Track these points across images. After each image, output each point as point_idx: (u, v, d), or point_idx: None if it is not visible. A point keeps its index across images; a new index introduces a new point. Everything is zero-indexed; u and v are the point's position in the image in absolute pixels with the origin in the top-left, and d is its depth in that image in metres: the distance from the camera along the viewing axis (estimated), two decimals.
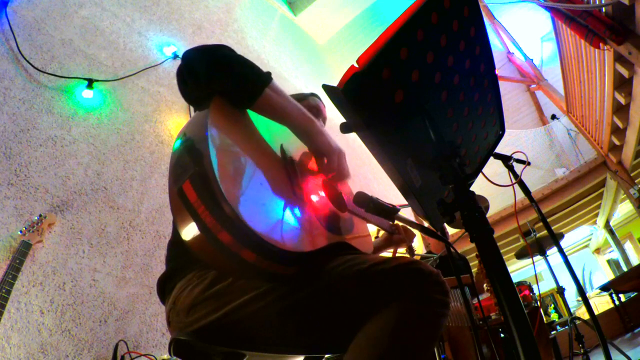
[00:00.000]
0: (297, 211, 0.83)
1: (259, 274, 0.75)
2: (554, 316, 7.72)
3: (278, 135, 0.96)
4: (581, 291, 1.99)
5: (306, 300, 0.79)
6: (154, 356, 1.96)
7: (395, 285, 0.74)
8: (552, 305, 8.38)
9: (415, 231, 1.07)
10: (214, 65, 0.82)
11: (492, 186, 1.12)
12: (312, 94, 1.38)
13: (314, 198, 0.94)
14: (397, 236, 1.23)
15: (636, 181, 5.97)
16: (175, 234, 1.00)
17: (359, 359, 0.70)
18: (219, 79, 0.82)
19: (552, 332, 3.43)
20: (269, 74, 0.88)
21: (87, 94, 2.43)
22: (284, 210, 0.79)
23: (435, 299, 0.75)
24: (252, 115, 0.92)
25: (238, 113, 0.87)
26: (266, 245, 0.68)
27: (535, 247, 3.47)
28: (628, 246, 9.92)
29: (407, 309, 0.73)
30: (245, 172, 0.76)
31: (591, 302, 3.40)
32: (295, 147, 1.00)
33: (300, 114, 0.92)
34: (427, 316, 0.74)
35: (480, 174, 0.93)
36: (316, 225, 0.87)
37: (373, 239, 1.25)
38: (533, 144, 7.86)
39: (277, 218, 0.75)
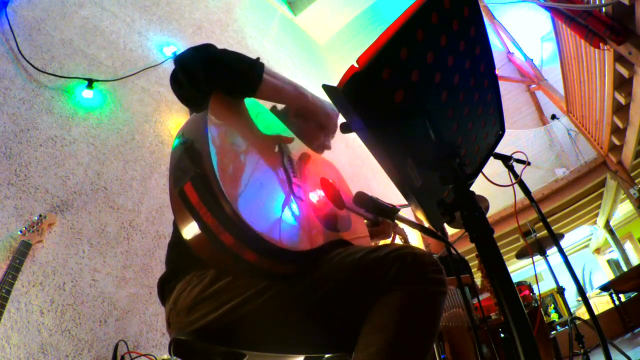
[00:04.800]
0: (296, 210, 0.83)
1: (260, 274, 0.75)
2: (554, 316, 7.71)
3: (277, 132, 0.97)
4: (581, 291, 1.99)
5: (304, 295, 0.79)
6: (154, 356, 1.96)
7: (391, 271, 0.75)
8: (552, 305, 8.37)
9: (415, 231, 1.08)
10: (210, 63, 0.83)
11: (492, 186, 1.12)
12: None
13: (313, 196, 0.94)
14: (378, 228, 1.24)
15: (636, 181, 5.97)
16: (176, 234, 1.00)
17: (369, 348, 0.70)
18: (218, 76, 0.83)
19: (552, 332, 3.43)
20: (258, 59, 0.91)
21: (87, 94, 2.43)
22: (283, 209, 0.79)
23: (432, 278, 0.76)
24: (251, 112, 0.92)
25: (236, 111, 0.88)
26: (267, 245, 0.68)
27: (535, 247, 3.47)
28: (628, 246, 9.91)
29: (408, 292, 0.74)
30: (245, 172, 0.76)
31: (591, 302, 3.40)
32: (294, 144, 1.01)
33: (297, 92, 0.99)
34: (428, 296, 0.75)
35: (480, 174, 0.93)
36: (315, 223, 0.87)
37: None
38: (533, 144, 7.86)
39: (277, 218, 0.75)
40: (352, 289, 0.78)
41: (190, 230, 0.69)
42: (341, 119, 0.67)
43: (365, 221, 1.18)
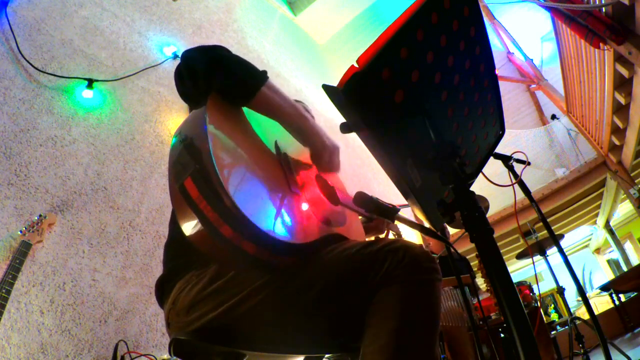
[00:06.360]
0: (293, 205, 0.85)
1: (259, 266, 0.76)
2: (554, 316, 7.72)
3: (272, 132, 0.99)
4: (581, 291, 1.99)
5: (301, 292, 0.80)
6: (154, 356, 1.96)
7: (384, 265, 0.77)
8: (552, 305, 8.38)
9: (415, 231, 1.08)
10: (212, 64, 0.84)
11: (492, 186, 1.12)
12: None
13: (308, 192, 0.95)
14: (372, 224, 1.27)
15: (636, 181, 5.97)
16: (172, 234, 1.01)
17: (378, 340, 0.71)
18: (217, 78, 0.84)
19: (552, 332, 3.43)
20: (265, 72, 0.91)
21: (87, 94, 2.43)
22: (281, 204, 0.81)
23: (426, 267, 0.78)
24: (247, 111, 0.94)
25: (233, 111, 0.90)
26: (266, 237, 0.71)
27: (536, 247, 3.47)
28: (628, 246, 9.92)
29: (406, 282, 0.76)
30: (243, 167, 0.78)
31: (591, 302, 3.40)
32: (289, 143, 1.03)
33: (295, 112, 0.95)
34: (425, 285, 0.78)
35: (480, 174, 0.93)
36: (311, 217, 0.89)
37: None
38: (533, 144, 7.87)
39: (275, 211, 0.78)
40: (347, 284, 0.79)
41: (191, 224, 0.72)
42: (341, 123, 0.67)
43: (359, 217, 1.20)
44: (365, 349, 0.72)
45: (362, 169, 5.26)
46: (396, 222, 0.93)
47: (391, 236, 1.31)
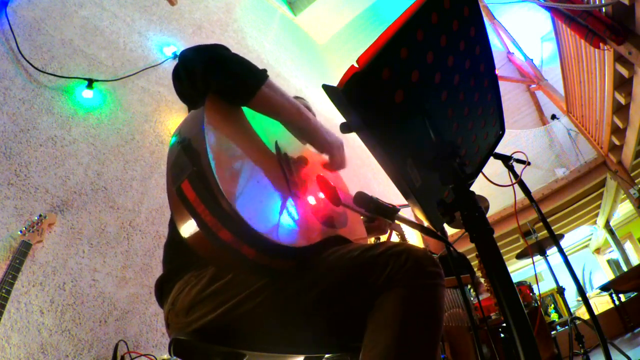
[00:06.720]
0: (293, 207, 0.83)
1: (259, 270, 0.75)
2: (554, 316, 7.71)
3: (272, 132, 0.97)
4: (581, 291, 1.99)
5: (301, 293, 0.79)
6: (154, 356, 1.96)
7: (387, 269, 0.76)
8: (552, 305, 8.37)
9: (415, 231, 1.08)
10: (210, 63, 0.83)
11: (492, 186, 1.12)
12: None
13: (309, 193, 0.94)
14: (374, 224, 1.27)
15: (636, 181, 5.97)
16: (172, 235, 1.01)
17: (378, 345, 0.71)
18: (216, 78, 0.83)
19: (552, 332, 3.42)
20: (265, 71, 0.89)
21: (87, 94, 2.43)
22: (280, 206, 0.79)
23: (429, 272, 0.77)
24: (246, 111, 0.92)
25: (233, 111, 0.88)
26: (265, 241, 0.69)
27: (536, 247, 3.47)
28: (628, 246, 9.92)
29: (408, 287, 0.75)
30: (242, 169, 0.77)
31: (591, 302, 3.39)
32: (290, 143, 1.02)
33: (297, 111, 0.93)
34: (428, 290, 0.76)
35: (480, 174, 0.93)
36: (312, 219, 0.88)
37: None
38: (533, 144, 7.86)
39: (275, 214, 0.76)
40: (349, 287, 0.79)
41: (189, 228, 0.70)
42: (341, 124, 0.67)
43: (361, 217, 1.19)
44: (365, 352, 0.72)
45: (362, 169, 5.26)
46: (396, 221, 0.92)
47: (394, 236, 1.31)
